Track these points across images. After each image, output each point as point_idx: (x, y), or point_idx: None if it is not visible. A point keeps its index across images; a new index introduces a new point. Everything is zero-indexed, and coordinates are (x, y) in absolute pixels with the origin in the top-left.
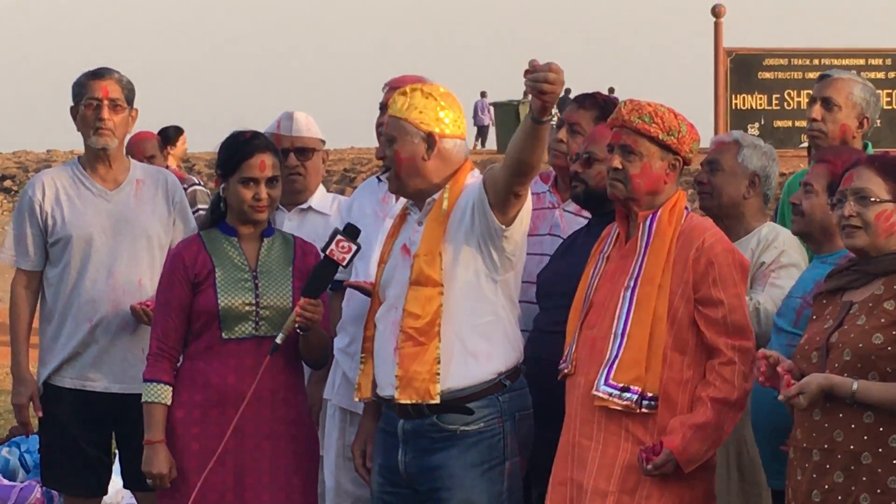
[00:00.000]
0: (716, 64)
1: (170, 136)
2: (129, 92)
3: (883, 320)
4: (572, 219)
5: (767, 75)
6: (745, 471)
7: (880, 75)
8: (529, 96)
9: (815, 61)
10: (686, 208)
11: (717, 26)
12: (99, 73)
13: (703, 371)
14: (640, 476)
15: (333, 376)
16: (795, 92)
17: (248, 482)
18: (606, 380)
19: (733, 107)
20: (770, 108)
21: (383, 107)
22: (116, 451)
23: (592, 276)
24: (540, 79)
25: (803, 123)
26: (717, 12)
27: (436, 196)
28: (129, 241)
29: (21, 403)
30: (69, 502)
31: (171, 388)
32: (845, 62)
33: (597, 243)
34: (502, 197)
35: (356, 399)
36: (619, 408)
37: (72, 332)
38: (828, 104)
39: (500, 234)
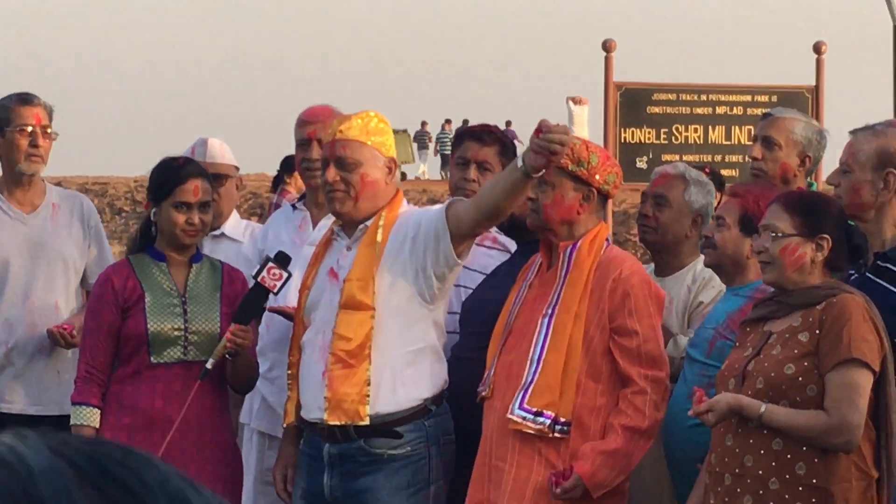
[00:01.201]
0: (606, 97)
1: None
2: (51, 116)
3: (796, 351)
4: (486, 252)
5: (656, 109)
6: None
7: (766, 111)
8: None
9: (703, 96)
10: (607, 240)
11: (607, 60)
12: (27, 100)
13: (615, 399)
14: (550, 499)
15: (251, 401)
16: (683, 126)
17: None
18: (521, 404)
19: (622, 140)
20: (658, 141)
21: (305, 142)
22: None
23: (515, 302)
24: (555, 140)
25: (691, 157)
26: (607, 47)
27: (368, 223)
28: (45, 265)
29: None
30: None
31: (99, 412)
32: (732, 98)
33: (521, 270)
34: (463, 234)
35: (284, 425)
36: (532, 432)
37: None
38: (768, 143)
39: (454, 265)
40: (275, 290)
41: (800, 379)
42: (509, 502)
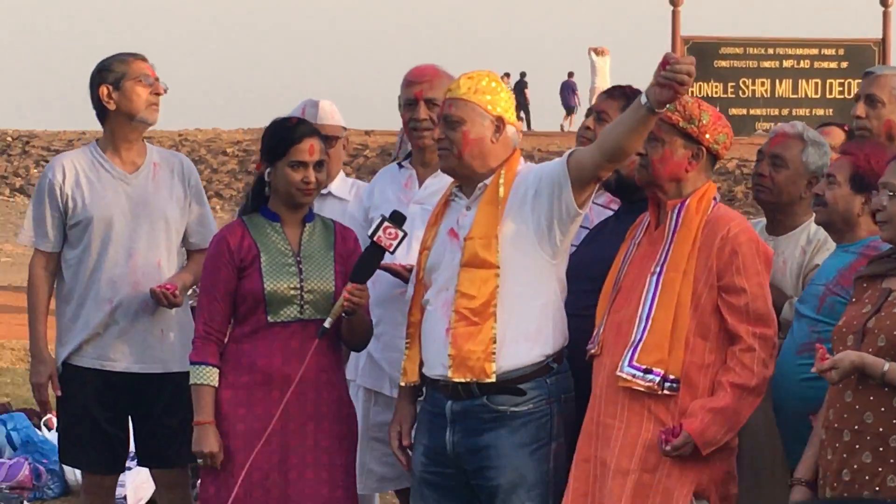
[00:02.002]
0: (673, 51)
1: None
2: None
3: None
4: (602, 211)
5: (723, 63)
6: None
7: (833, 65)
8: None
9: (770, 50)
10: (715, 198)
11: (674, 14)
12: (139, 56)
13: (724, 357)
14: (660, 456)
15: (357, 358)
16: (750, 80)
17: (293, 461)
18: (630, 361)
19: (690, 95)
20: (725, 95)
21: (412, 102)
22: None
23: (623, 261)
24: (682, 70)
25: (758, 111)
26: (674, 1)
27: (487, 181)
28: (147, 224)
29: (40, 382)
30: (87, 479)
31: (217, 371)
32: (799, 51)
33: (630, 229)
34: (586, 179)
35: (402, 384)
36: (641, 389)
37: (92, 312)
38: (871, 101)
39: (574, 216)
40: (391, 249)
41: None
42: (619, 459)
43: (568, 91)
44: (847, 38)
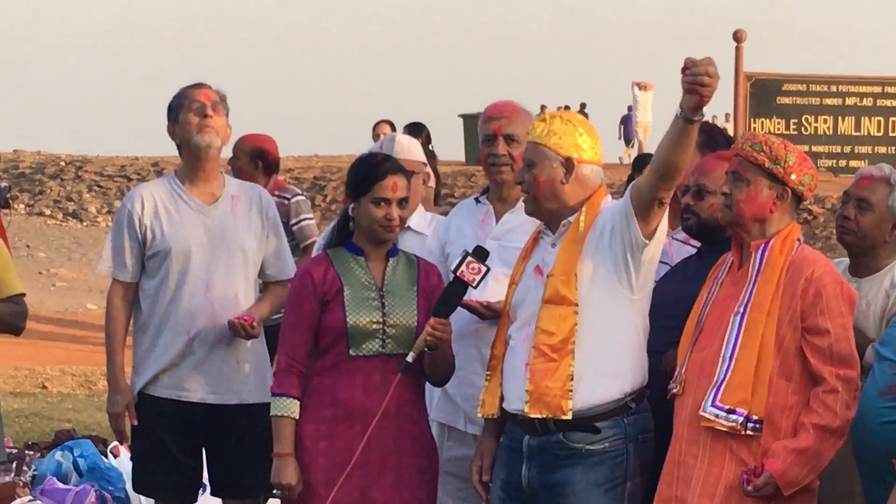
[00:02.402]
0: (736, 87)
1: None
2: (224, 102)
3: None
4: (680, 247)
5: (786, 100)
6: None
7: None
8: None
9: (833, 87)
10: (798, 240)
11: (737, 51)
12: (196, 85)
13: (807, 398)
14: (741, 496)
15: (432, 392)
16: (812, 117)
17: (374, 495)
18: (714, 401)
19: (752, 130)
20: (787, 132)
21: (490, 138)
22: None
23: (706, 300)
24: (701, 72)
25: (820, 148)
26: (738, 37)
27: (571, 219)
28: (225, 256)
29: (117, 412)
30: None
31: (298, 403)
32: (862, 89)
33: (713, 269)
34: (646, 203)
35: (479, 415)
36: (724, 429)
37: (169, 343)
38: None
39: (642, 247)
40: (474, 284)
41: None
42: (700, 499)
43: (628, 123)
44: None
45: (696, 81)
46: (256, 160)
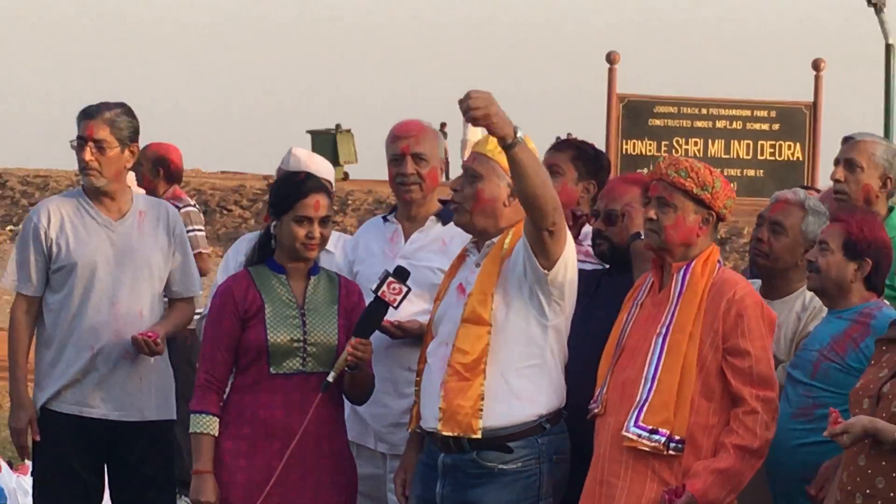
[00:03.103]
0: (608, 109)
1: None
2: (122, 130)
3: None
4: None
5: (657, 122)
6: None
7: (765, 127)
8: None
9: (704, 110)
10: (719, 262)
11: (610, 72)
12: (88, 113)
13: (727, 418)
14: None
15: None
16: (683, 139)
17: None
18: (637, 421)
19: (624, 151)
20: (659, 154)
21: (398, 157)
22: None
23: (625, 322)
24: (463, 108)
25: None
26: (611, 59)
27: (495, 239)
28: (131, 272)
29: (20, 428)
30: None
31: (218, 420)
32: (732, 112)
33: (631, 291)
34: (535, 237)
35: (408, 430)
36: (647, 449)
37: (72, 358)
38: (851, 165)
39: (544, 278)
40: (395, 305)
41: None
42: None
43: None
44: (779, 100)
45: (466, 116)
46: (158, 167)
